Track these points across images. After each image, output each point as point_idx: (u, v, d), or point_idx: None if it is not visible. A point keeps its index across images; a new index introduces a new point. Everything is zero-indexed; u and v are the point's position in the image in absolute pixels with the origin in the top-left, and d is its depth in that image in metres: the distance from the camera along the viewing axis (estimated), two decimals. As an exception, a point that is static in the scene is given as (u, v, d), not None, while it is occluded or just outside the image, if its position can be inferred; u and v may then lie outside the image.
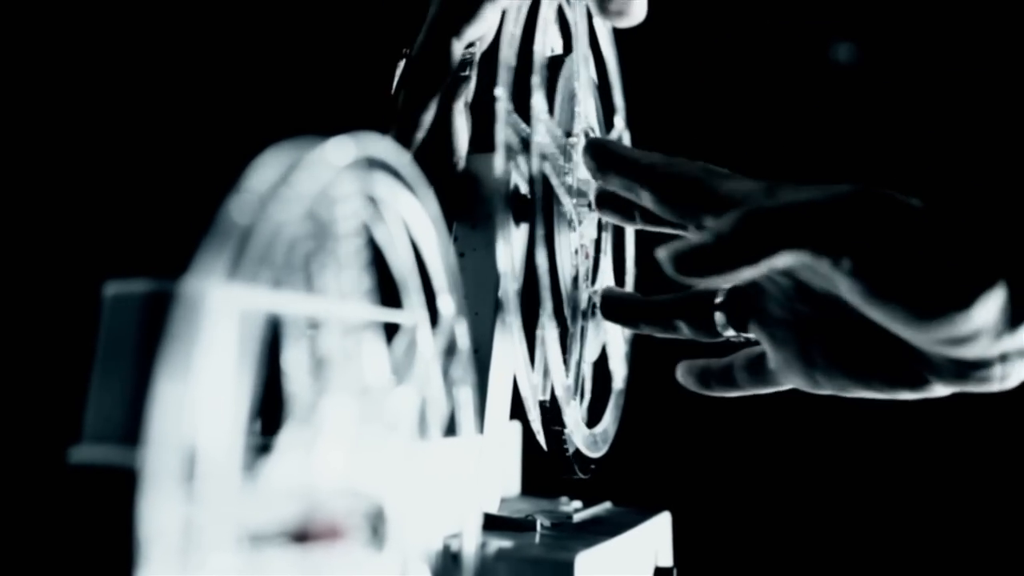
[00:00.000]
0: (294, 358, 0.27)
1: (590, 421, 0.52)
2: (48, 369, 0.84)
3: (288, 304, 0.27)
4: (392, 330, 0.33)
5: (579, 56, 0.52)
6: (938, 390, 0.41)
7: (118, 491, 0.23)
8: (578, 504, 0.52)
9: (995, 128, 0.85)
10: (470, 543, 0.36)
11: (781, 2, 0.95)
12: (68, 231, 0.93)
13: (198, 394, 0.23)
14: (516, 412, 0.48)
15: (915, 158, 0.86)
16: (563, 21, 0.52)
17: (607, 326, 0.53)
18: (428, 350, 0.34)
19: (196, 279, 0.23)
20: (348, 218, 0.29)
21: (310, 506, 0.27)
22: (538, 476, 0.55)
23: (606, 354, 0.55)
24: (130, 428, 0.24)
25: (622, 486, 0.56)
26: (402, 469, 0.31)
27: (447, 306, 0.35)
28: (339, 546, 0.28)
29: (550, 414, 0.46)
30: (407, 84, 0.46)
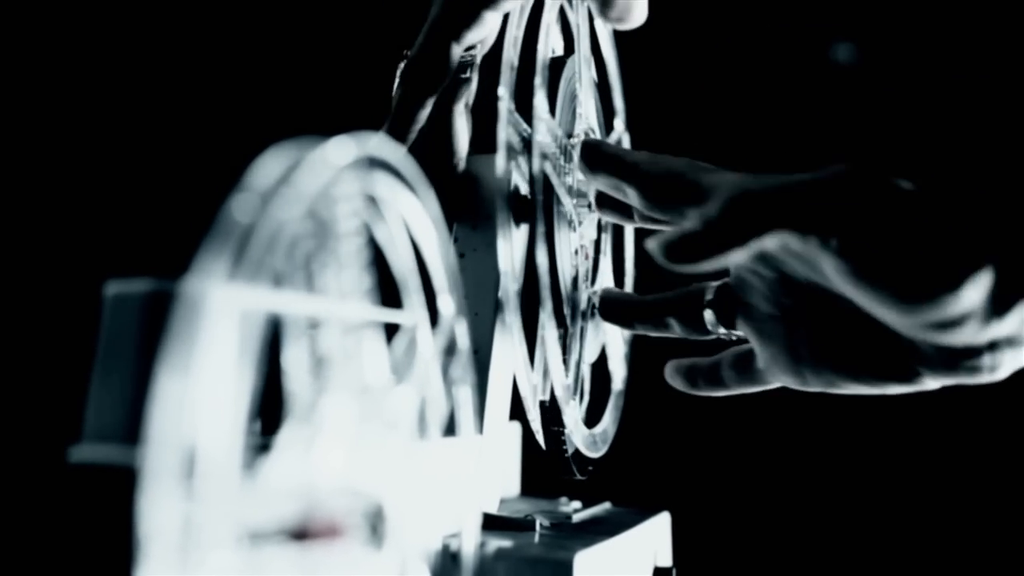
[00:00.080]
0: (294, 357, 0.27)
1: (589, 421, 0.52)
2: (48, 369, 0.84)
3: (288, 303, 0.27)
4: (392, 330, 0.33)
5: (581, 57, 0.52)
6: (928, 383, 0.40)
7: (118, 490, 0.23)
8: (577, 504, 0.53)
9: (987, 113, 0.85)
10: (469, 543, 0.36)
11: (781, 4, 0.95)
12: (68, 231, 0.93)
13: (198, 393, 0.23)
14: (516, 412, 0.48)
15: (912, 154, 0.86)
16: (565, 22, 0.52)
17: (606, 327, 0.53)
18: (428, 350, 0.34)
19: (196, 279, 0.23)
20: (349, 218, 0.29)
21: (309, 505, 0.27)
22: (538, 476, 0.55)
23: (605, 354, 0.55)
24: (130, 427, 0.24)
25: (621, 486, 0.56)
26: (401, 468, 0.31)
27: (447, 306, 0.35)
28: (338, 545, 0.28)
29: (550, 414, 0.46)
30: (404, 84, 0.46)
